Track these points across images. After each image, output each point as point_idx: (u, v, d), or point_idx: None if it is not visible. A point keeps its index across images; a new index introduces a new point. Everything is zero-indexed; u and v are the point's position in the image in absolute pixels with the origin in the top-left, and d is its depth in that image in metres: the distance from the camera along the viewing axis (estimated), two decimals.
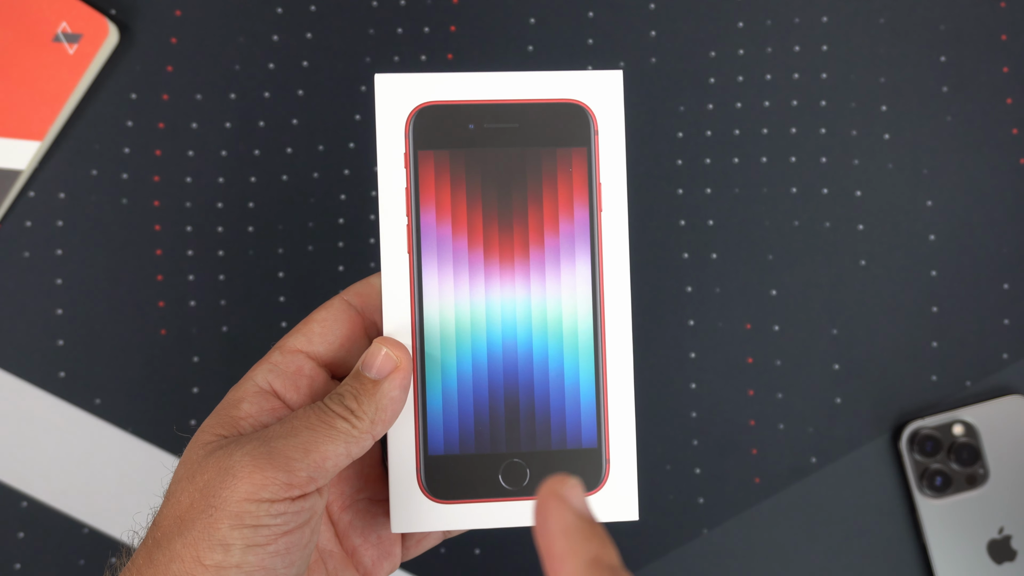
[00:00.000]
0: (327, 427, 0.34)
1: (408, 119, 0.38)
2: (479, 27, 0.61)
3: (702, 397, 0.60)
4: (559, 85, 0.38)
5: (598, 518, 0.26)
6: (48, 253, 0.58)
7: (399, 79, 0.38)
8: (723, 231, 0.61)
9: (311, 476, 0.33)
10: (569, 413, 0.38)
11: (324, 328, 0.38)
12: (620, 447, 0.39)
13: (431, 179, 0.38)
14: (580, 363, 0.38)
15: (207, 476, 0.33)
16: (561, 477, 0.26)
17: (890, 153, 0.61)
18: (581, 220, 0.38)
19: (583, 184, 0.38)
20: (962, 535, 0.59)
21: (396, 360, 0.36)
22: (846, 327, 0.60)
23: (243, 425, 0.35)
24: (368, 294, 0.39)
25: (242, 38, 0.60)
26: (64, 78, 0.58)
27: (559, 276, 0.38)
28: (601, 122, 0.39)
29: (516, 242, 0.38)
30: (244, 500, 0.32)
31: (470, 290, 0.38)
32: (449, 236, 0.38)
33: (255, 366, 0.37)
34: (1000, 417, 0.59)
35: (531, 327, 0.38)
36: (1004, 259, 0.61)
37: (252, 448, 0.33)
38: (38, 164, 0.58)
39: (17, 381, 0.58)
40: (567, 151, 0.38)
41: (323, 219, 0.59)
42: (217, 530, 0.32)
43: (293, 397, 0.37)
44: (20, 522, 0.57)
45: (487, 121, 0.38)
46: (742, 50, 0.61)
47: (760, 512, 0.60)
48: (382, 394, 0.35)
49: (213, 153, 0.59)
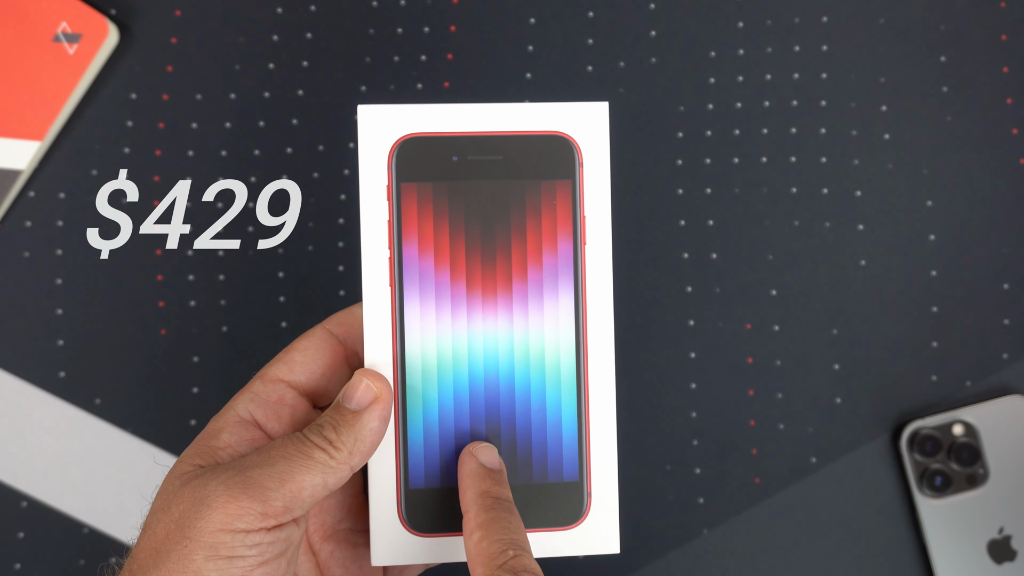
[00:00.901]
0: (304, 457, 0.34)
1: (391, 151, 0.37)
2: (479, 27, 0.61)
3: (702, 397, 0.60)
4: (544, 117, 0.38)
5: (498, 466, 0.37)
6: (48, 253, 0.58)
7: (382, 111, 0.37)
8: (723, 231, 0.61)
9: (287, 506, 0.33)
10: (551, 447, 0.38)
11: (306, 357, 0.37)
12: (602, 481, 0.38)
13: (414, 211, 0.38)
14: (562, 397, 0.38)
15: (183, 507, 0.32)
16: (477, 442, 0.37)
17: (890, 153, 0.61)
18: (565, 253, 0.38)
19: (567, 217, 0.38)
20: (962, 535, 0.59)
21: (376, 391, 0.36)
22: (846, 327, 0.60)
23: (221, 455, 0.35)
24: (350, 324, 0.39)
25: (242, 38, 0.60)
26: (64, 78, 0.58)
27: (542, 309, 0.38)
28: (586, 154, 0.38)
29: (499, 275, 0.38)
30: (218, 530, 0.32)
31: (452, 323, 0.38)
32: (432, 269, 0.38)
33: (236, 395, 0.37)
34: (1000, 417, 0.59)
35: (513, 360, 0.38)
36: (1004, 259, 0.61)
37: (227, 478, 0.33)
38: (38, 164, 0.58)
39: (17, 381, 0.58)
40: (551, 183, 0.38)
41: (323, 219, 0.59)
42: (192, 561, 0.31)
43: (275, 426, 0.36)
44: (20, 522, 0.57)
45: (471, 153, 0.38)
46: (742, 50, 0.61)
47: (760, 512, 0.60)
48: (361, 425, 0.35)
49: (213, 153, 0.59)
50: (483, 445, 0.37)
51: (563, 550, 0.38)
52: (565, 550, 0.38)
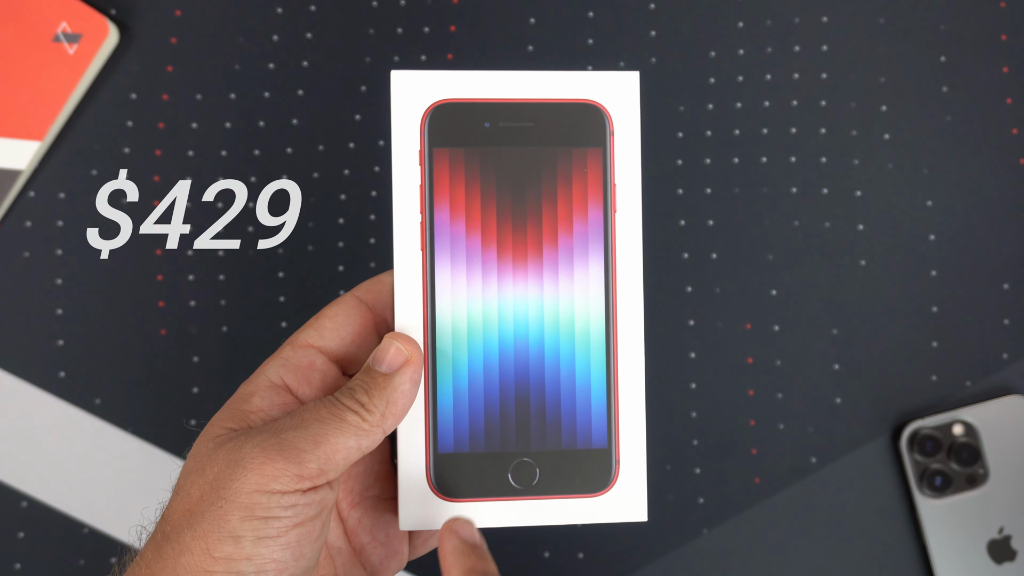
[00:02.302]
0: (337, 420, 0.34)
1: (424, 116, 0.38)
2: (479, 27, 0.61)
3: (702, 397, 0.60)
4: (576, 85, 0.38)
5: (478, 542, 0.36)
6: (48, 253, 0.58)
7: (416, 76, 0.38)
8: (723, 231, 0.61)
9: (321, 468, 0.33)
10: (580, 413, 0.38)
11: (335, 324, 0.38)
12: (630, 448, 0.38)
13: (446, 176, 0.38)
14: (592, 363, 0.38)
15: (217, 468, 0.33)
16: (455, 518, 0.37)
17: (890, 153, 0.61)
18: (595, 221, 0.38)
19: (598, 185, 0.38)
20: (962, 535, 0.59)
21: (407, 354, 0.36)
22: (846, 327, 0.60)
23: (253, 419, 0.35)
24: (379, 291, 0.39)
25: (242, 38, 0.60)
26: (64, 78, 0.58)
27: (572, 276, 0.38)
28: (617, 123, 0.38)
29: (530, 241, 0.38)
30: (254, 491, 0.32)
31: (483, 288, 0.38)
32: (463, 234, 0.38)
33: (266, 361, 0.37)
34: (1000, 417, 0.59)
35: (543, 326, 0.38)
36: (1004, 259, 0.61)
37: (262, 440, 0.33)
38: (38, 164, 0.58)
39: (17, 381, 0.58)
40: (583, 151, 0.38)
41: (323, 219, 0.59)
42: (227, 522, 0.32)
43: (306, 391, 0.37)
44: (20, 522, 0.57)
45: (503, 120, 0.38)
46: (742, 50, 0.61)
47: (760, 512, 0.60)
48: (393, 388, 0.35)
49: (213, 153, 0.59)
50: (462, 520, 0.37)
51: (590, 517, 0.38)
52: (592, 517, 0.38)
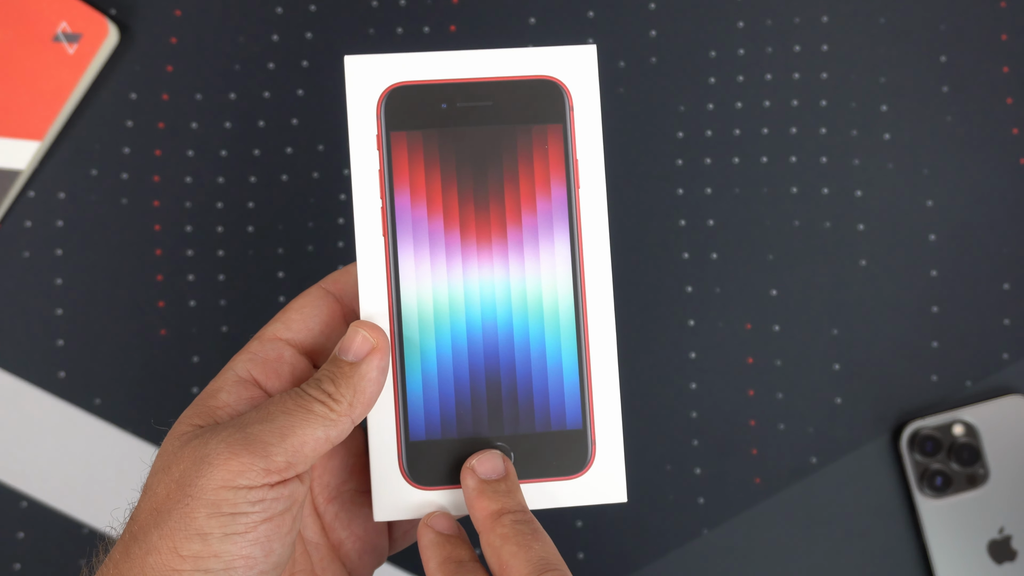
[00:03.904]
0: (304, 411, 0.33)
1: (379, 100, 0.37)
2: (479, 27, 0.61)
3: (702, 397, 0.60)
4: (532, 62, 0.37)
5: (455, 531, 0.36)
6: (48, 253, 0.58)
7: (369, 60, 0.37)
8: (723, 231, 0.61)
9: (289, 461, 0.32)
10: (552, 395, 0.37)
11: (302, 315, 0.37)
12: (606, 428, 0.38)
13: (404, 160, 0.37)
14: (562, 343, 0.37)
15: (183, 466, 0.32)
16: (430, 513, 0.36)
17: (890, 153, 0.61)
18: (559, 198, 0.37)
19: (559, 161, 0.38)
20: (962, 535, 0.59)
21: (373, 342, 0.35)
22: (846, 327, 0.60)
23: (220, 414, 0.35)
24: (346, 281, 0.38)
25: (242, 38, 0.60)
26: (64, 78, 0.58)
27: (538, 255, 0.37)
28: (576, 98, 0.38)
29: (493, 222, 0.37)
30: (220, 488, 0.31)
31: (447, 271, 0.37)
32: (424, 217, 0.37)
33: (235, 356, 0.37)
34: (1000, 417, 0.59)
35: (511, 308, 0.37)
36: (1004, 259, 0.61)
37: (228, 435, 0.32)
38: (38, 164, 0.58)
39: (17, 381, 0.58)
40: (543, 128, 0.37)
41: (323, 219, 0.59)
42: (194, 520, 0.31)
43: (275, 384, 0.36)
44: (20, 522, 0.57)
45: (460, 100, 0.37)
46: (742, 50, 0.61)
47: (760, 512, 0.60)
48: (360, 376, 0.35)
49: (213, 153, 0.59)
50: (438, 514, 0.36)
51: (568, 500, 0.37)
52: (570, 500, 0.37)
